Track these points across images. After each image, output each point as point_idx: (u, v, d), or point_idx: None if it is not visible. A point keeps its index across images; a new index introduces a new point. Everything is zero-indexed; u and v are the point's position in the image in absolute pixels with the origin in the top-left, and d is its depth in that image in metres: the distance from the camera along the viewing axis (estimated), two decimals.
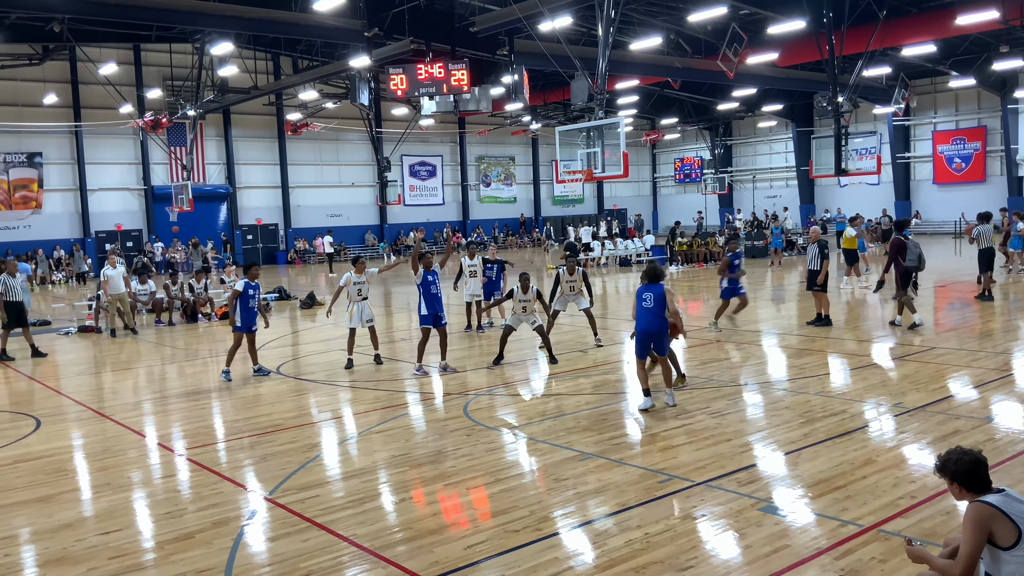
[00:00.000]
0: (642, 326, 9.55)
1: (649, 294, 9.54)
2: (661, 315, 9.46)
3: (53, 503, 7.06)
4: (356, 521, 6.33)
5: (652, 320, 9.48)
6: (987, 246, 18.47)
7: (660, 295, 9.48)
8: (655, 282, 9.65)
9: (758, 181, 52.58)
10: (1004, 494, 4.09)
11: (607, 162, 19.77)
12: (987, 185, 41.19)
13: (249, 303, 12.10)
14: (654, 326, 9.47)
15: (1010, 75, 37.73)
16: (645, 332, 9.52)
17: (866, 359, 12.06)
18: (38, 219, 36.71)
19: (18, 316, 15.28)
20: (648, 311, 9.50)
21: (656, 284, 9.62)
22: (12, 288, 15.24)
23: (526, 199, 53.02)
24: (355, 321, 12.88)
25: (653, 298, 9.49)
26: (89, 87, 35.98)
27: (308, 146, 43.54)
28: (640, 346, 9.61)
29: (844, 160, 27.43)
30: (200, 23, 26.07)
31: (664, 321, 9.49)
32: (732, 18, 26.30)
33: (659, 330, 9.49)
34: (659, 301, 9.46)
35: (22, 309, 15.45)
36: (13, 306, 15.16)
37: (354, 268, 12.97)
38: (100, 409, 10.72)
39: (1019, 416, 8.75)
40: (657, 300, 9.47)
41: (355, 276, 12.84)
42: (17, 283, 15.43)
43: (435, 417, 9.74)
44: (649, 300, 9.51)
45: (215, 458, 8.33)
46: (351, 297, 12.91)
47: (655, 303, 9.47)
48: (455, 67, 20.74)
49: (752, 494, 6.54)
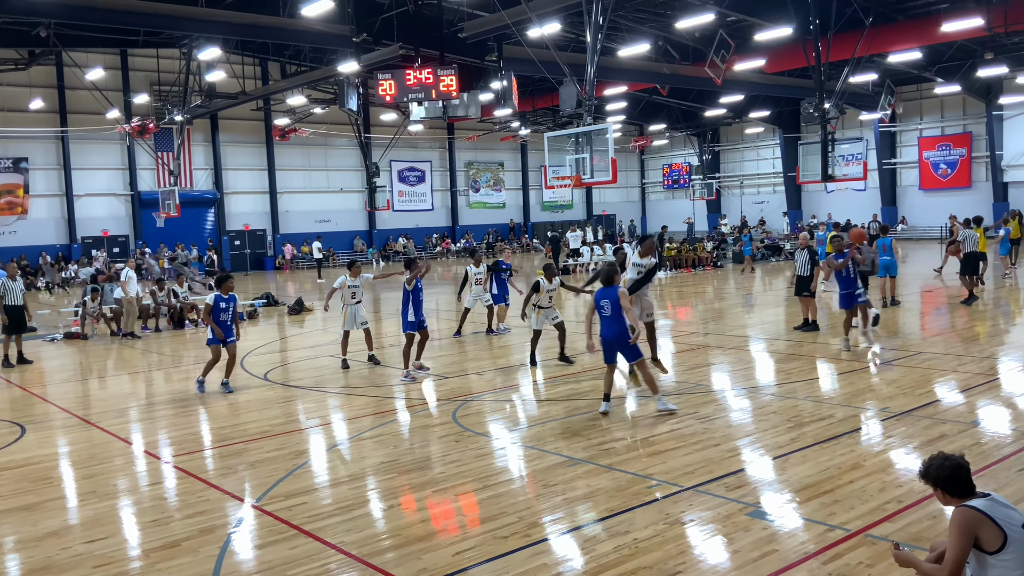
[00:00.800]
0: (603, 333, 9.45)
1: (606, 300, 9.34)
2: (620, 320, 9.26)
3: (38, 511, 7.00)
4: (344, 528, 6.30)
5: (611, 326, 9.33)
6: (972, 250, 18.62)
7: (616, 299, 9.26)
8: (610, 286, 9.43)
9: (746, 187, 52.82)
10: (990, 498, 4.11)
11: (596, 168, 19.84)
12: (973, 191, 41.52)
13: (221, 316, 11.69)
14: (612, 334, 9.32)
15: (995, 81, 38.05)
16: (606, 339, 9.41)
17: (853, 364, 12.11)
18: (24, 225, 36.46)
19: (18, 322, 15.07)
20: (607, 319, 9.34)
21: (611, 288, 9.39)
22: (12, 291, 14.99)
23: (515, 205, 53.06)
24: (349, 324, 13.04)
25: (610, 304, 9.29)
26: (76, 92, 35.81)
27: (296, 151, 43.46)
28: (606, 352, 9.51)
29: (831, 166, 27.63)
30: (188, 28, 25.96)
31: (623, 327, 9.24)
32: (719, 25, 26.44)
33: (618, 337, 9.29)
34: (615, 306, 9.26)
35: (22, 314, 15.26)
36: (14, 310, 14.94)
37: (349, 272, 13.08)
38: (86, 416, 10.64)
39: (1005, 420, 8.81)
40: (614, 305, 9.27)
41: (350, 280, 12.98)
42: (18, 287, 15.24)
43: (424, 423, 9.71)
44: (607, 307, 9.32)
45: (202, 465, 8.28)
46: (345, 300, 13.05)
47: (612, 309, 9.28)
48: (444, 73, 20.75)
49: (740, 499, 6.55)
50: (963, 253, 18.64)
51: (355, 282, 13.01)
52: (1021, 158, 39.91)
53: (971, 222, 19.64)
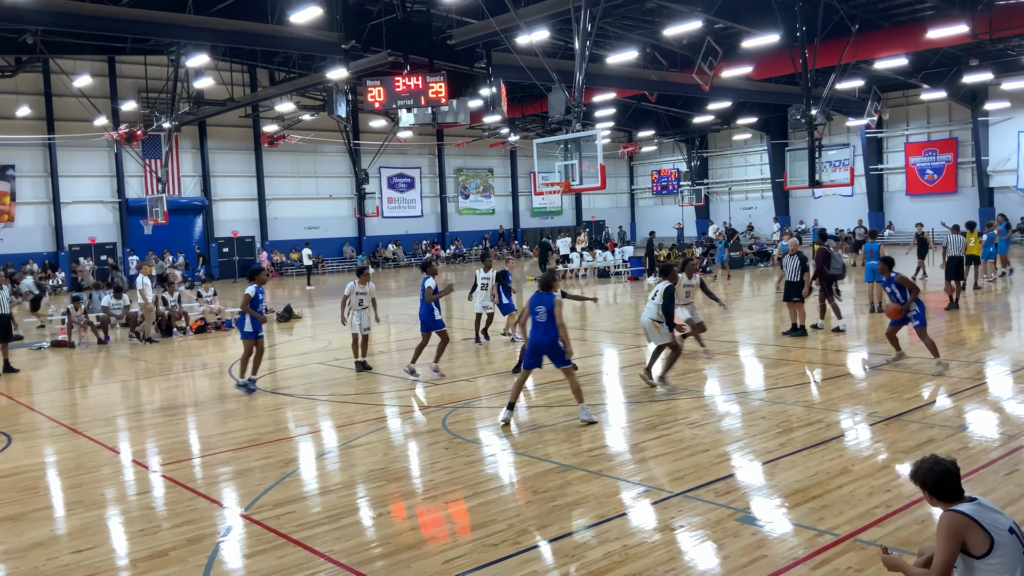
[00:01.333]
0: (533, 338, 9.41)
1: (541, 307, 9.33)
2: (552, 327, 9.23)
3: (24, 521, 6.94)
4: (333, 537, 6.28)
5: (542, 334, 9.29)
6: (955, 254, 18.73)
7: (551, 306, 9.26)
8: (547, 291, 9.44)
9: (734, 193, 53.04)
10: (976, 503, 4.13)
11: (585, 174, 19.89)
12: (959, 196, 41.81)
13: (258, 308, 12.13)
14: (544, 339, 9.28)
15: (980, 88, 38.38)
16: (536, 344, 9.37)
17: (841, 368, 12.16)
18: (10, 232, 36.21)
19: (4, 330, 14.99)
20: (540, 324, 9.32)
21: (548, 295, 9.40)
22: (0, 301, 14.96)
23: (505, 211, 53.09)
24: (355, 328, 13.43)
25: (545, 310, 9.29)
26: (63, 99, 35.63)
27: (285, 158, 43.35)
28: (529, 357, 9.47)
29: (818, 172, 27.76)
30: (175, 35, 25.89)
31: (555, 333, 9.22)
32: (707, 32, 26.56)
33: (549, 343, 9.26)
34: (550, 312, 9.24)
35: (8, 323, 15.19)
36: (0, 319, 14.85)
37: (358, 279, 13.45)
38: (73, 425, 10.57)
39: (992, 425, 8.86)
40: (549, 311, 9.26)
41: (358, 287, 13.40)
42: (3, 296, 15.15)
43: (414, 430, 9.70)
44: (541, 312, 9.32)
45: (190, 474, 8.23)
46: (351, 305, 13.45)
47: (547, 315, 9.27)
48: (433, 79, 20.77)
49: (730, 504, 6.57)
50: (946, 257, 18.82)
51: (363, 289, 13.41)
52: (1007, 163, 40.23)
53: (959, 227, 19.76)
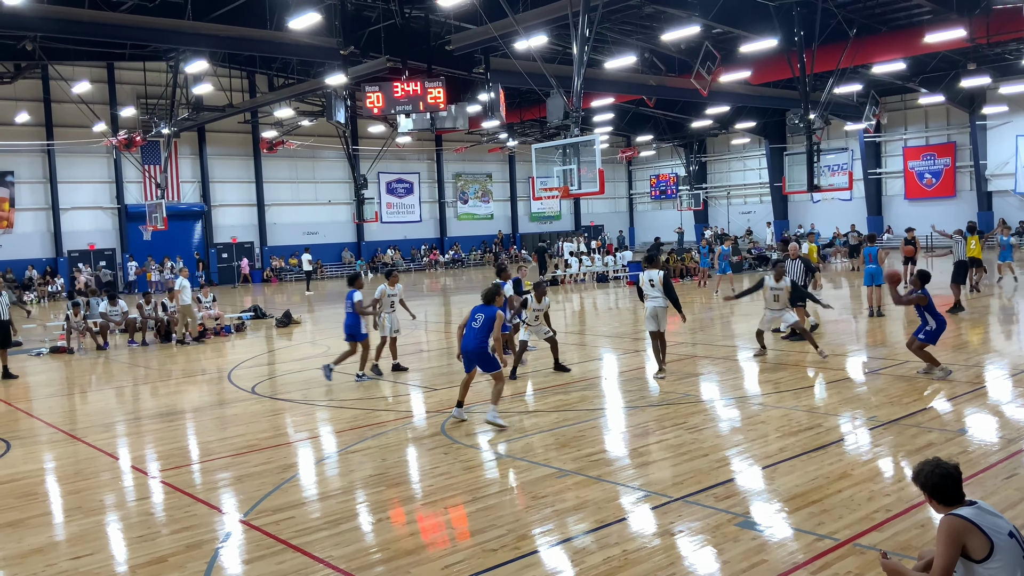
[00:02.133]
0: (463, 344, 9.82)
1: (480, 315, 9.71)
2: (482, 337, 9.60)
3: (23, 528, 6.93)
4: (332, 543, 6.27)
5: (471, 340, 9.68)
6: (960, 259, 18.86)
7: (490, 318, 9.61)
8: (489, 304, 9.79)
9: (732, 197, 53.10)
10: (976, 507, 4.13)
11: (583, 179, 19.92)
12: (957, 200, 41.88)
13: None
14: (471, 345, 9.67)
15: (978, 92, 38.45)
16: (465, 351, 9.79)
17: (840, 373, 12.16)
18: (9, 239, 36.23)
19: (3, 336, 14.96)
20: (473, 331, 9.70)
21: (490, 307, 9.76)
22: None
23: (503, 216, 53.13)
24: (385, 331, 13.59)
25: (483, 319, 9.66)
26: (62, 105, 35.70)
27: (284, 164, 43.42)
28: (465, 362, 9.92)
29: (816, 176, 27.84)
30: (174, 41, 25.95)
31: (483, 343, 9.61)
32: (705, 37, 26.63)
33: (475, 350, 9.62)
34: (487, 323, 9.61)
35: (7, 329, 15.15)
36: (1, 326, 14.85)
37: (388, 281, 13.64)
38: (72, 431, 10.56)
39: (992, 428, 8.86)
40: (485, 322, 9.63)
41: (389, 289, 13.53)
42: (3, 301, 15.14)
43: (412, 436, 9.68)
44: (479, 320, 9.68)
45: (189, 480, 8.22)
46: (383, 307, 13.54)
47: (482, 324, 9.64)
48: (431, 85, 20.81)
49: (729, 509, 6.56)
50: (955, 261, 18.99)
51: (393, 291, 13.55)
52: (1005, 167, 40.30)
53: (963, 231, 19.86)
